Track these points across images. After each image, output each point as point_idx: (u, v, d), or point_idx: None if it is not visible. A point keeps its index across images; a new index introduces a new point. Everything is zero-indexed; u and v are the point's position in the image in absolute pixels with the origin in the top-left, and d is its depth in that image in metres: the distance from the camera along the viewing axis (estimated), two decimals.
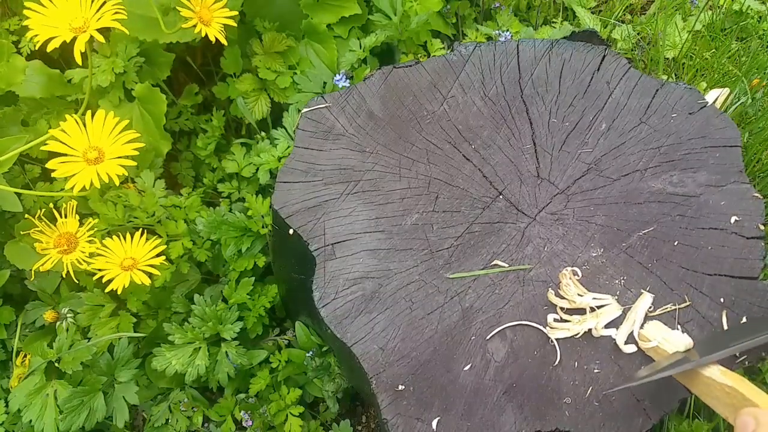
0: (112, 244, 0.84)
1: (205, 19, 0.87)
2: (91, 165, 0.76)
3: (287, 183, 0.81)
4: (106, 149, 0.77)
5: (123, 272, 0.83)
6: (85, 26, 0.76)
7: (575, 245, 0.76)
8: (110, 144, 0.77)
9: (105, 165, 0.75)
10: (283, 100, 1.15)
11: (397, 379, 0.69)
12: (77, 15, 0.76)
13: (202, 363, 0.91)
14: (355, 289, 0.73)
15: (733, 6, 1.44)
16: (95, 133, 0.77)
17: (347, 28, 1.17)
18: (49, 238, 0.82)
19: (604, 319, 0.71)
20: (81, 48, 0.74)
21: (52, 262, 0.80)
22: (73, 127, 0.76)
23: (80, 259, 0.80)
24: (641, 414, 0.68)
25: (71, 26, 0.76)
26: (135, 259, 0.84)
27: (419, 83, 0.87)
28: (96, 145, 0.77)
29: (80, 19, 0.76)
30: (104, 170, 0.75)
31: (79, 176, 0.74)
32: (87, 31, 0.76)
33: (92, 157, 0.76)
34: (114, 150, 0.77)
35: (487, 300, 0.73)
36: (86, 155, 0.76)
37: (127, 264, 0.84)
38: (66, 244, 0.82)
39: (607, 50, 0.89)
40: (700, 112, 0.84)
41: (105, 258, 0.83)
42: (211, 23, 0.87)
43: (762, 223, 0.76)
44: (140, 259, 0.84)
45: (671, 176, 0.80)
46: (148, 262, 0.85)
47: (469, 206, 0.79)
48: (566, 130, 0.84)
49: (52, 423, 0.88)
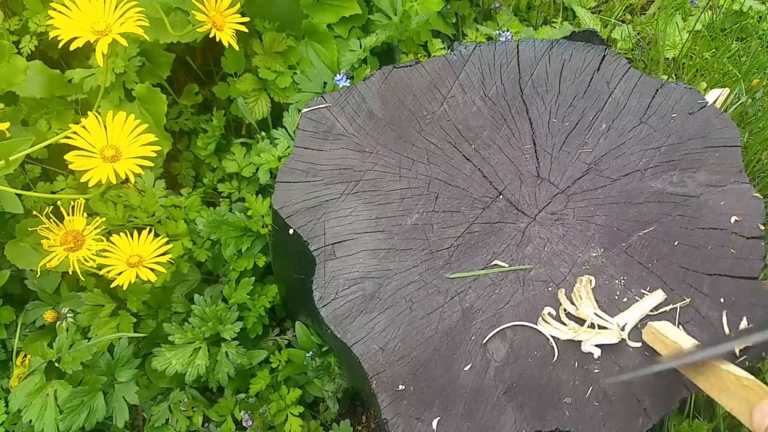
0: (119, 241, 0.85)
1: (218, 24, 0.89)
2: (108, 162, 0.77)
3: (287, 183, 0.81)
4: (123, 149, 0.79)
5: (129, 269, 0.83)
6: (107, 30, 0.78)
7: (575, 245, 0.76)
8: (128, 144, 0.79)
9: (121, 164, 0.77)
10: (284, 100, 1.15)
11: (397, 379, 0.69)
12: (100, 19, 0.79)
13: (202, 363, 0.91)
14: (355, 289, 0.73)
15: (733, 6, 1.44)
16: (114, 132, 0.79)
17: (347, 28, 1.17)
18: (56, 235, 0.83)
19: (598, 339, 0.70)
20: (104, 50, 0.77)
21: (59, 259, 0.81)
22: (94, 125, 0.78)
23: (86, 257, 0.81)
24: (641, 414, 0.68)
25: (94, 29, 0.78)
26: (141, 257, 0.85)
27: (419, 83, 0.87)
28: (114, 144, 0.79)
29: (102, 23, 0.79)
30: (121, 168, 0.76)
31: (96, 171, 0.76)
32: (109, 34, 0.78)
33: (109, 155, 0.78)
34: (131, 150, 0.79)
35: (487, 300, 0.73)
36: (104, 153, 0.78)
37: (134, 261, 0.84)
38: (73, 241, 0.83)
39: (607, 50, 0.89)
40: (700, 112, 0.84)
41: (111, 254, 0.84)
42: (223, 28, 0.89)
43: (762, 223, 0.76)
44: (146, 257, 0.85)
45: (671, 176, 0.80)
46: (155, 260, 0.85)
47: (469, 206, 0.79)
48: (566, 130, 0.84)
49: (52, 423, 0.88)
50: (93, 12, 0.79)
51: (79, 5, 0.79)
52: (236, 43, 0.89)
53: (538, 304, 0.73)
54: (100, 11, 0.79)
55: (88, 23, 0.78)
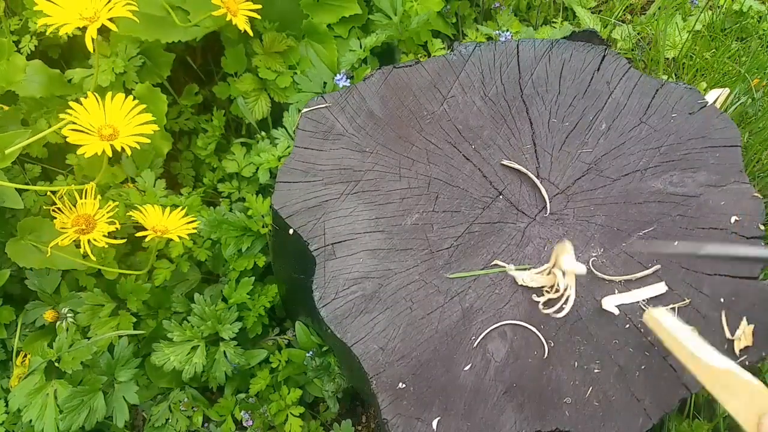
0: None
1: (233, 9, 0.91)
2: (105, 140, 0.78)
3: (287, 183, 0.81)
4: (121, 129, 0.80)
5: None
6: (96, 16, 0.78)
7: (575, 245, 0.76)
8: (125, 124, 0.80)
9: (118, 142, 0.78)
10: (284, 100, 1.15)
11: (397, 379, 0.69)
12: (87, 5, 0.79)
13: (200, 361, 0.91)
14: (355, 289, 0.73)
15: (733, 6, 1.44)
16: (113, 113, 0.80)
17: (347, 27, 1.17)
18: (68, 218, 0.84)
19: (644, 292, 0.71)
20: (93, 35, 0.76)
21: (70, 239, 0.82)
22: (93, 105, 0.79)
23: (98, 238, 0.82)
24: (641, 414, 0.68)
25: (81, 16, 0.78)
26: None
27: (419, 83, 0.87)
28: (112, 124, 0.79)
29: (90, 9, 0.78)
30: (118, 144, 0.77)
31: (91, 146, 0.76)
32: (98, 20, 0.78)
33: (107, 134, 0.79)
34: (128, 130, 0.80)
35: (487, 300, 0.73)
36: (101, 131, 0.79)
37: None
38: (84, 224, 0.84)
39: (607, 50, 0.89)
40: (700, 112, 0.84)
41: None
42: (237, 14, 0.91)
43: (762, 223, 0.76)
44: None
45: (671, 176, 0.80)
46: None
47: (469, 206, 0.79)
48: (566, 130, 0.84)
49: (52, 423, 0.88)
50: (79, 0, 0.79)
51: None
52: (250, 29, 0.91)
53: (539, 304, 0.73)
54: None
55: (75, 10, 0.78)
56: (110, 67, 1.00)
